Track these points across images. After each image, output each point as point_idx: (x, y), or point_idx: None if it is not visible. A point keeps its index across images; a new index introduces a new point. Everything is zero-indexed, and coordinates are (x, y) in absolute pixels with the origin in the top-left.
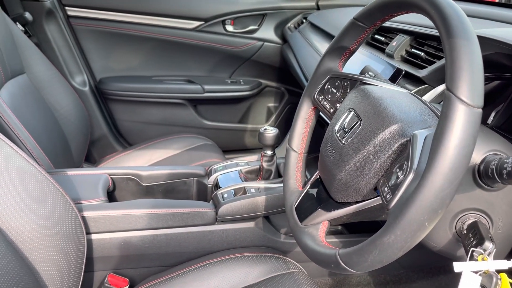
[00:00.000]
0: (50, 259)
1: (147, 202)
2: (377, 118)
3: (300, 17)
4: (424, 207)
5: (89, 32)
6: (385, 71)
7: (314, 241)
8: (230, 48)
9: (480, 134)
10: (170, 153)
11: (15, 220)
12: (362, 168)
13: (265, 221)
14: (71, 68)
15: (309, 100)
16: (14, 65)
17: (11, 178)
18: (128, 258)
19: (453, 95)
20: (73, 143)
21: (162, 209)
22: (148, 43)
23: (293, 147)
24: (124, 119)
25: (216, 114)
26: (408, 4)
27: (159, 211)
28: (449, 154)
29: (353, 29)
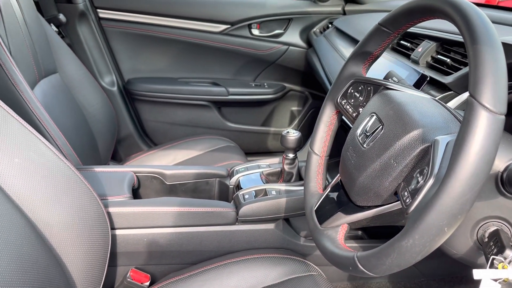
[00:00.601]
0: (76, 252)
1: (170, 201)
2: (399, 123)
3: (326, 22)
4: (443, 212)
5: (119, 33)
6: (409, 77)
7: (333, 243)
8: (255, 52)
9: (503, 141)
10: (193, 154)
11: (45, 213)
12: (382, 172)
13: (285, 223)
14: (101, 68)
15: (332, 104)
16: (47, 64)
17: (42, 172)
18: (150, 255)
19: (476, 101)
20: (100, 141)
21: (185, 208)
22: (175, 45)
23: (315, 150)
24: (150, 119)
25: (240, 116)
26: (433, 10)
27: (181, 210)
28: (470, 160)
29: (378, 35)
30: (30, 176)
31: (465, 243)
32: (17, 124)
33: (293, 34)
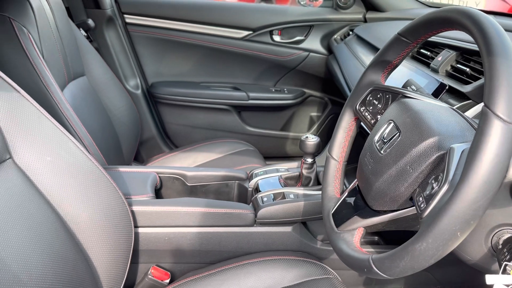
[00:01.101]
0: (101, 248)
1: (191, 201)
2: (416, 130)
3: (347, 29)
4: (456, 217)
5: (144, 38)
6: (428, 86)
7: (349, 246)
8: (276, 58)
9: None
10: (213, 156)
11: (73, 209)
12: (399, 178)
13: (303, 227)
14: (126, 72)
15: (351, 110)
16: (76, 67)
17: (72, 171)
18: (170, 253)
19: (490, 111)
20: (124, 142)
21: (205, 208)
22: (198, 50)
23: (333, 155)
24: (172, 122)
25: (260, 121)
26: (451, 22)
27: (201, 210)
28: (483, 167)
29: (397, 44)
30: (61, 173)
31: (479, 249)
32: (49, 124)
33: (314, 41)
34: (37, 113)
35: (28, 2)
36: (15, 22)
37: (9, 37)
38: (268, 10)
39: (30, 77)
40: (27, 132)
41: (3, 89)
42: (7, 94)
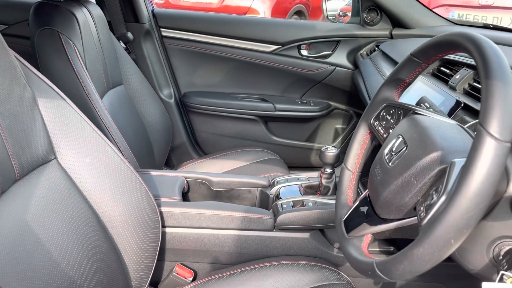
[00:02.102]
0: (131, 243)
1: (215, 204)
2: (421, 145)
3: (373, 45)
4: (450, 226)
5: (179, 50)
6: (445, 103)
7: (357, 250)
8: (303, 71)
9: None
10: (239, 164)
11: (107, 207)
12: (404, 189)
13: (320, 234)
14: (161, 82)
15: (366, 124)
16: (115, 77)
17: (107, 172)
18: (194, 253)
19: (484, 129)
20: (156, 148)
21: (227, 212)
22: (228, 63)
23: (348, 166)
24: (202, 130)
25: (285, 131)
26: (456, 45)
27: (224, 213)
28: (475, 180)
29: (410, 64)
30: (98, 174)
31: (481, 259)
32: (90, 130)
33: (341, 56)
34: (79, 119)
35: (75, 17)
36: (63, 35)
37: (57, 49)
38: (297, 26)
39: (74, 85)
40: (70, 136)
41: (51, 97)
42: (54, 101)
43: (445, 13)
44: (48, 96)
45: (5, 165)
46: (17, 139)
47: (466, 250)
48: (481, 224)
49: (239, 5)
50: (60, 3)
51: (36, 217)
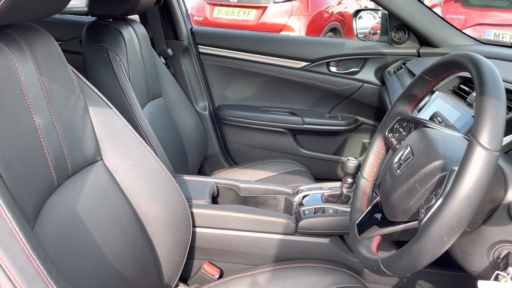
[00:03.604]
0: (164, 239)
1: (242, 208)
2: (426, 154)
3: (400, 63)
4: (443, 225)
5: (214, 66)
6: (460, 118)
7: (367, 250)
8: (332, 87)
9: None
10: (268, 174)
11: (145, 205)
12: (409, 194)
13: (339, 240)
14: (197, 95)
15: (381, 136)
16: (155, 89)
17: (146, 174)
18: (221, 252)
19: (475, 140)
20: (190, 156)
21: (253, 215)
22: (260, 78)
23: (364, 174)
24: (234, 141)
25: (313, 144)
26: (459, 64)
27: (250, 217)
28: (465, 184)
29: (421, 81)
30: (137, 175)
31: (482, 262)
32: (132, 136)
33: (368, 73)
34: (123, 126)
35: (121, 36)
36: (111, 51)
37: (105, 63)
38: (326, 44)
39: (118, 96)
40: (114, 140)
41: (100, 105)
42: (102, 110)
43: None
44: (97, 105)
45: (61, 163)
46: (71, 142)
47: (469, 253)
48: (482, 229)
49: (275, 22)
50: (109, 22)
51: (84, 208)
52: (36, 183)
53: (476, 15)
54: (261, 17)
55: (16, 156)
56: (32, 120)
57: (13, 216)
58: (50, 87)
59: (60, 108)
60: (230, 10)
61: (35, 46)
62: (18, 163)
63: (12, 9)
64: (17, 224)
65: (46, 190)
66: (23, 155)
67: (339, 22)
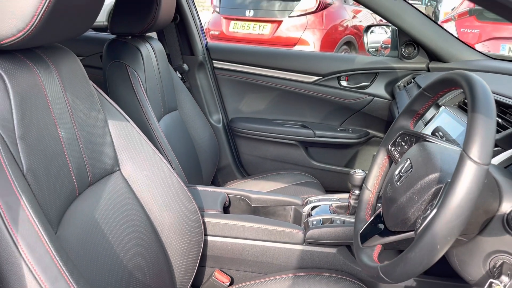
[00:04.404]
0: (177, 246)
1: (252, 218)
2: (423, 167)
3: (410, 77)
4: (436, 233)
5: (228, 80)
6: (463, 133)
7: (368, 258)
8: (342, 101)
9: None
10: (279, 185)
11: (159, 213)
12: (407, 205)
13: (346, 250)
14: (211, 108)
15: (385, 150)
16: (171, 103)
17: (161, 184)
18: (232, 261)
19: (465, 153)
20: (204, 167)
21: (262, 225)
22: (273, 92)
23: (368, 186)
24: (246, 153)
25: (324, 156)
26: (455, 82)
27: (260, 226)
28: (456, 196)
29: (421, 97)
30: (153, 185)
31: (478, 271)
32: (148, 147)
33: (379, 87)
34: (140, 138)
35: (139, 52)
36: (129, 67)
37: (123, 79)
38: (337, 59)
39: (136, 110)
40: (131, 152)
41: (118, 119)
42: (121, 123)
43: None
44: (116, 119)
45: (82, 173)
46: (92, 153)
47: (466, 263)
48: (478, 239)
49: (290, 36)
50: (128, 40)
51: (103, 215)
52: (60, 191)
53: (491, 28)
54: (276, 31)
55: (42, 166)
56: (57, 133)
57: (39, 221)
58: (73, 102)
59: (82, 122)
60: (246, 24)
61: (60, 64)
62: (44, 172)
63: (41, 33)
64: (42, 228)
65: (69, 197)
66: (48, 166)
67: (353, 35)
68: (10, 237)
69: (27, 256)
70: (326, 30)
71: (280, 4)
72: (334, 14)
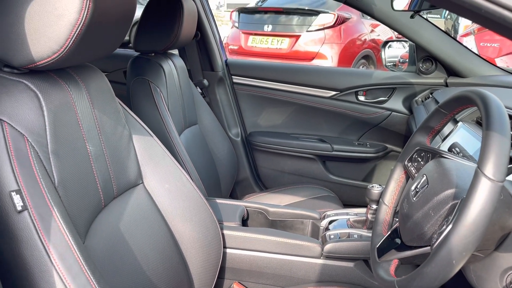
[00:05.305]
0: (196, 258)
1: (270, 231)
2: (439, 183)
3: (428, 92)
4: (452, 249)
5: (247, 95)
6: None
7: (385, 272)
8: (360, 115)
9: None
10: (297, 199)
11: (180, 226)
12: (423, 220)
13: (363, 264)
14: (230, 122)
15: (401, 165)
16: (191, 117)
17: (182, 197)
18: (250, 273)
19: (480, 171)
20: (222, 181)
21: (281, 238)
22: (291, 106)
23: (385, 201)
24: (264, 166)
25: (342, 170)
26: (470, 100)
27: (278, 239)
28: (471, 212)
29: (437, 114)
30: (174, 198)
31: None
32: (170, 161)
33: (397, 102)
34: (162, 152)
35: (162, 69)
36: (152, 83)
37: (146, 94)
38: (355, 74)
39: (158, 124)
40: (154, 165)
41: (142, 134)
42: (144, 137)
43: None
44: (140, 133)
45: (108, 186)
46: (117, 167)
47: (483, 278)
48: (494, 255)
49: (308, 50)
50: (151, 57)
51: (127, 227)
52: (87, 203)
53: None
54: (294, 45)
55: (72, 179)
56: (85, 147)
57: (69, 231)
58: (101, 118)
59: (108, 137)
60: (264, 39)
61: (89, 82)
62: (73, 185)
63: (73, 54)
64: (72, 239)
65: (95, 209)
66: (78, 179)
67: (371, 49)
68: (42, 247)
69: (58, 264)
70: (344, 44)
71: (298, 19)
72: (352, 29)
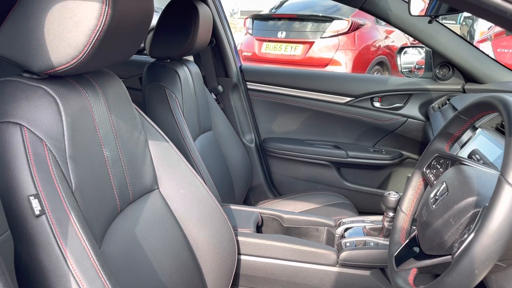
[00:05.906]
0: (211, 264)
1: (285, 238)
2: (460, 191)
3: (445, 99)
4: (474, 258)
5: (261, 101)
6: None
7: (404, 282)
8: (375, 122)
9: None
10: (311, 206)
11: (195, 231)
12: (443, 228)
13: (380, 273)
14: (244, 128)
15: (420, 172)
16: (206, 123)
17: (196, 202)
18: (265, 281)
19: (503, 178)
20: (237, 187)
21: (296, 245)
22: (305, 112)
23: (403, 209)
24: (278, 173)
25: (357, 177)
26: (491, 106)
27: (292, 247)
28: (494, 221)
29: (457, 121)
30: (189, 203)
31: None
32: (185, 167)
33: (413, 108)
34: (177, 158)
35: (177, 75)
36: (167, 89)
37: (162, 100)
38: (370, 80)
39: (173, 130)
40: (170, 171)
41: (158, 139)
42: (160, 143)
43: None
44: (156, 139)
45: (124, 191)
46: (133, 172)
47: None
48: None
49: (322, 56)
50: (166, 63)
51: (142, 232)
52: (104, 208)
53: None
54: (308, 52)
55: (89, 184)
56: (102, 152)
57: (86, 236)
58: (117, 123)
59: (124, 142)
60: (278, 45)
61: (106, 88)
62: (90, 190)
63: (91, 60)
64: (89, 244)
65: (111, 214)
66: (94, 184)
67: (386, 55)
68: (60, 251)
69: (75, 269)
70: (358, 51)
71: (312, 26)
72: (366, 35)
